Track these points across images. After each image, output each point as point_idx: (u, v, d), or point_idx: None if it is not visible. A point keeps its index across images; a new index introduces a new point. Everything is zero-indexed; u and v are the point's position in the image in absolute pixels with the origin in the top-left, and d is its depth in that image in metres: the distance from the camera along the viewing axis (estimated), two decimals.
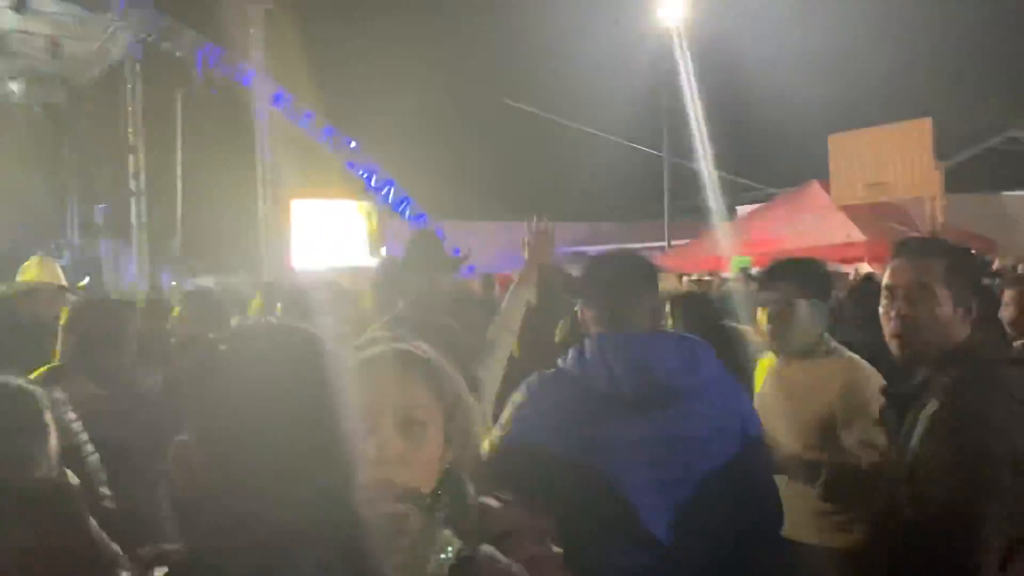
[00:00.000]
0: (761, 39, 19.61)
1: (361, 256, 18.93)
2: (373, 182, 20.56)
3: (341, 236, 19.85)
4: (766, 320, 2.96)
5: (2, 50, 16.53)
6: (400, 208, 20.71)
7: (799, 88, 19.44)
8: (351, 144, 20.27)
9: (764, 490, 2.32)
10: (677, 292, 4.74)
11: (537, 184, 22.23)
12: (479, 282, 8.04)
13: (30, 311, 4.49)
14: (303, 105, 19.09)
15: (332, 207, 20.46)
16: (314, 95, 18.72)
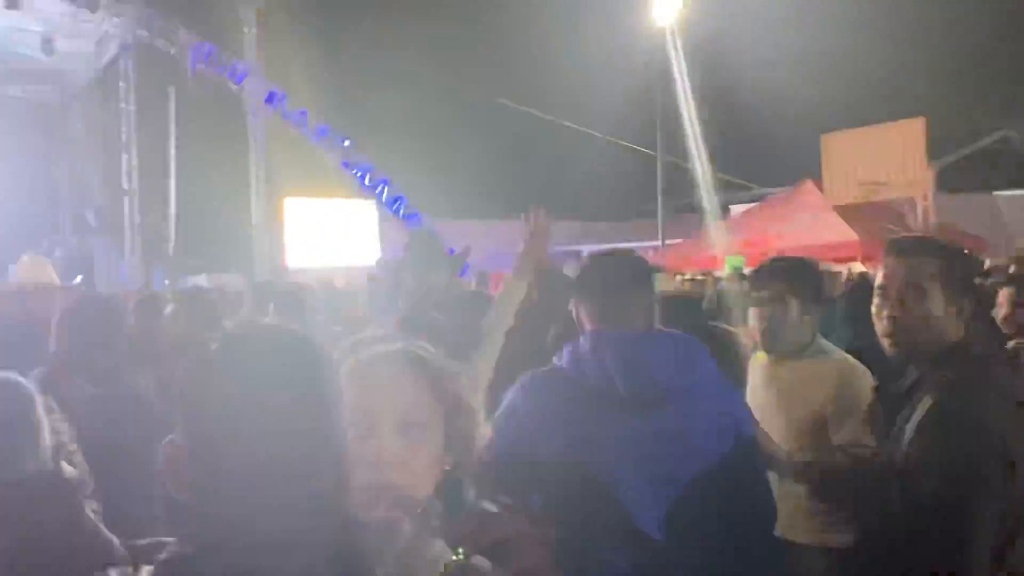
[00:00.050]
0: (755, 39, 19.65)
1: (355, 255, 18.90)
2: (367, 181, 20.52)
3: (335, 235, 19.81)
4: (758, 319, 2.95)
5: None
6: (394, 207, 20.67)
7: (793, 88, 19.48)
8: (345, 143, 20.23)
9: (757, 490, 2.33)
10: (664, 293, 4.72)
11: (531, 183, 22.22)
12: (474, 281, 8.05)
13: (22, 310, 4.47)
14: (297, 104, 19.05)
15: (326, 206, 20.42)
16: (308, 94, 18.68)
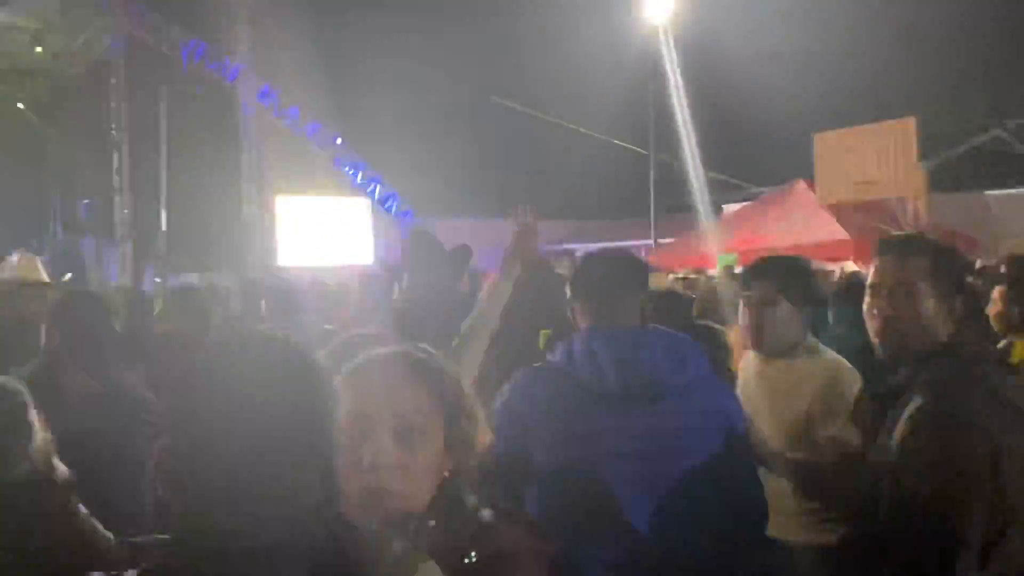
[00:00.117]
0: (747, 38, 19.67)
1: (347, 254, 18.86)
2: (359, 179, 20.48)
3: (327, 233, 19.77)
4: (747, 318, 2.95)
5: None
6: (386, 205, 20.64)
7: (785, 87, 19.51)
8: (337, 141, 20.19)
9: (748, 487, 2.33)
10: (652, 290, 4.68)
11: (524, 181, 22.21)
12: (465, 280, 8.02)
13: (11, 308, 4.45)
14: (289, 101, 19.00)
15: (318, 204, 20.37)
16: (300, 91, 18.61)
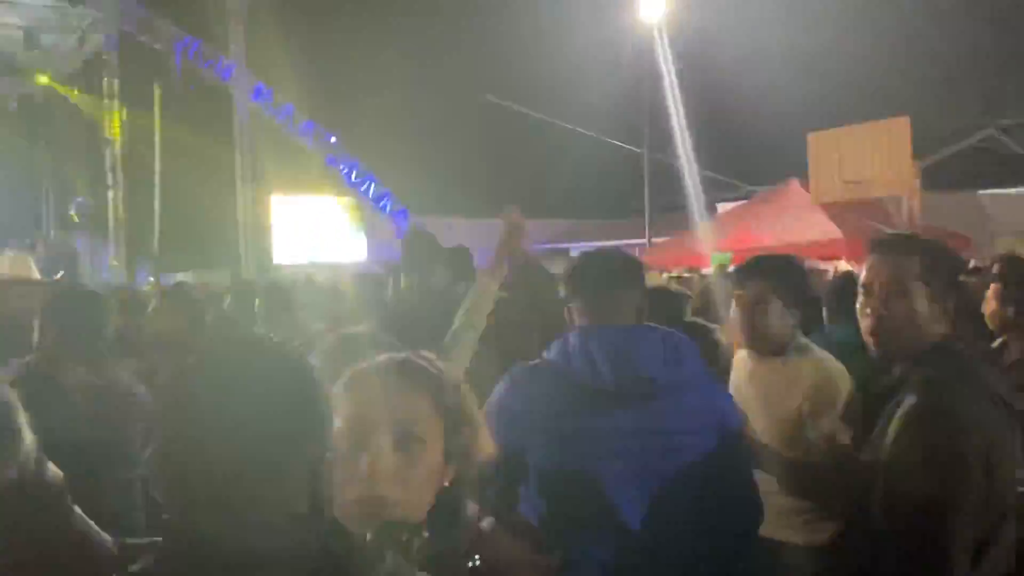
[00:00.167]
0: (742, 37, 19.70)
1: (341, 252, 18.84)
2: (354, 177, 20.46)
3: (322, 232, 19.75)
4: (739, 317, 2.94)
5: None
6: (381, 204, 20.61)
7: (779, 87, 19.53)
8: (331, 139, 20.16)
9: (742, 486, 2.33)
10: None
11: (518, 180, 22.21)
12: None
13: (2, 305, 4.43)
14: (283, 99, 18.96)
15: (313, 203, 20.35)
16: (294, 89, 18.59)
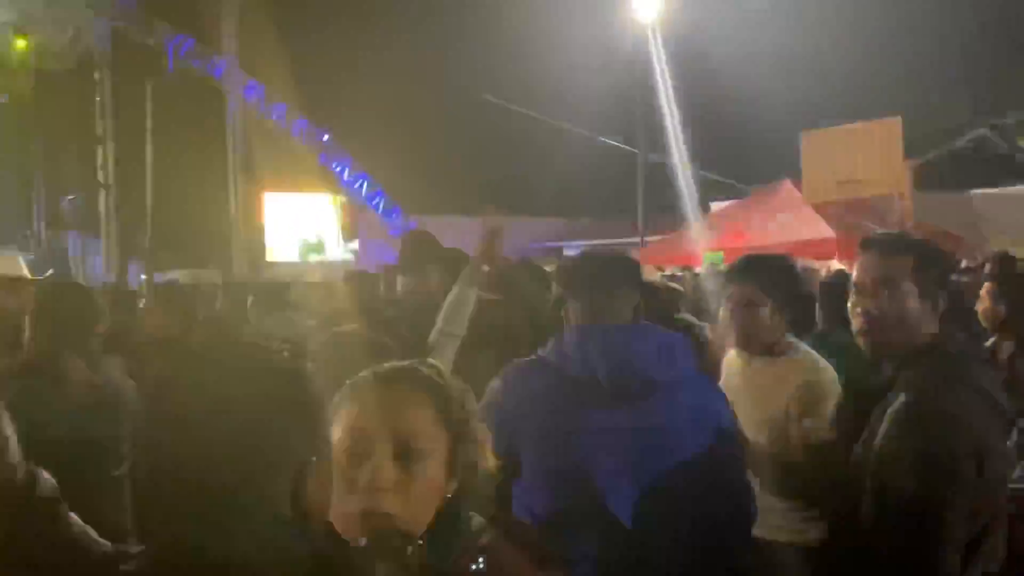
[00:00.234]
0: (735, 37, 19.71)
1: (333, 251, 18.82)
2: (346, 175, 20.43)
3: (314, 230, 19.73)
4: (730, 317, 2.94)
5: None
6: (373, 202, 20.59)
7: (773, 86, 19.55)
8: (324, 137, 20.14)
9: (735, 485, 2.33)
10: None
11: (512, 179, 22.20)
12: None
13: None
14: (276, 97, 18.93)
15: (305, 201, 20.32)
16: (287, 87, 18.54)
